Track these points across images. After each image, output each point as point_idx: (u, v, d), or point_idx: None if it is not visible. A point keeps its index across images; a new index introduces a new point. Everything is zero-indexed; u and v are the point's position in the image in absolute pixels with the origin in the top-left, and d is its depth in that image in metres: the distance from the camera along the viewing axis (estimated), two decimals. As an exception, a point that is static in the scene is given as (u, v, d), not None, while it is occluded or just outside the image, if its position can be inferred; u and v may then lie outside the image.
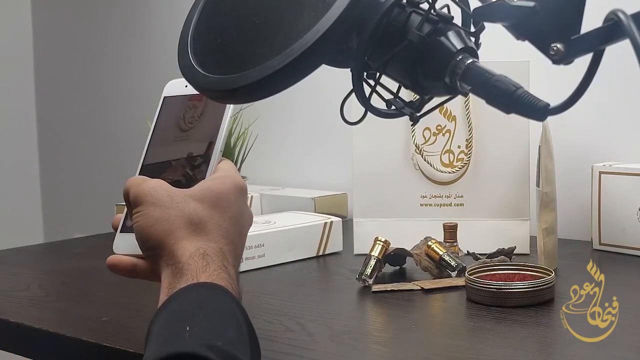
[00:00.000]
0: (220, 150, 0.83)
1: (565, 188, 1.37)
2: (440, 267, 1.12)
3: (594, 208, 1.31)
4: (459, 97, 0.76)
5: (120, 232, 0.85)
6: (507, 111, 0.66)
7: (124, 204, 0.83)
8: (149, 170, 0.87)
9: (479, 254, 1.18)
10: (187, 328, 0.66)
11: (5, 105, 2.54)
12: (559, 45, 0.64)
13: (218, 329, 0.67)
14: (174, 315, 0.69)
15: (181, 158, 0.85)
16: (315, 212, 1.56)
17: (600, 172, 1.30)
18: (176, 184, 0.82)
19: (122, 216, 0.86)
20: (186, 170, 0.84)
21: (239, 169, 1.41)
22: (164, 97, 0.90)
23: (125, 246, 0.82)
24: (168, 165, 0.85)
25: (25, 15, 2.57)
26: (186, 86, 0.88)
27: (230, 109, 0.85)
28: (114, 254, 0.85)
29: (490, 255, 1.17)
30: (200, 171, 0.83)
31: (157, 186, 0.79)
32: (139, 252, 0.80)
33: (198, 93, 0.83)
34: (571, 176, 1.43)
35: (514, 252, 1.19)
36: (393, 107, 0.73)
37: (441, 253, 1.12)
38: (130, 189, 0.80)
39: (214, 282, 0.72)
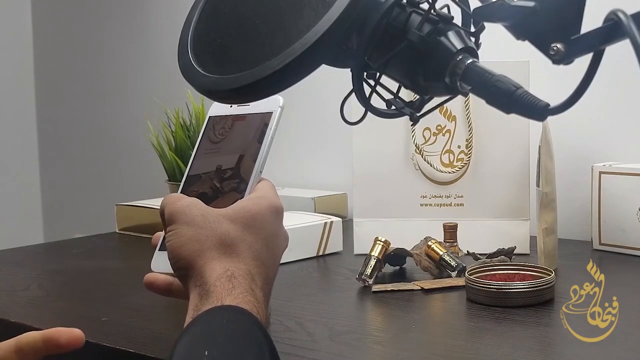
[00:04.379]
0: (260, 171, 0.82)
1: (565, 188, 1.37)
2: (440, 267, 1.12)
3: (594, 208, 1.31)
4: (459, 97, 0.76)
5: (159, 250, 0.83)
6: (507, 111, 0.65)
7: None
8: (187, 183, 0.86)
9: (479, 254, 1.18)
10: (206, 353, 0.65)
11: (5, 105, 2.54)
12: (559, 45, 0.64)
13: (237, 355, 0.66)
14: (195, 339, 0.68)
15: (210, 171, 0.84)
16: (315, 212, 1.56)
17: (600, 172, 1.30)
18: (202, 196, 0.81)
19: (161, 234, 0.84)
20: (213, 183, 0.83)
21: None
22: (209, 116, 0.89)
23: (163, 264, 0.80)
24: (198, 178, 0.85)
25: (25, 15, 2.57)
26: (231, 106, 0.87)
27: (272, 130, 0.83)
28: (152, 271, 0.83)
29: (490, 255, 1.17)
30: (229, 184, 0.82)
31: (191, 205, 0.77)
32: None
33: (242, 114, 0.82)
34: (571, 176, 1.43)
35: (514, 252, 1.19)
36: (393, 107, 0.73)
37: (441, 253, 1.12)
38: (166, 206, 0.79)
39: (238, 306, 0.70)
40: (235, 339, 0.67)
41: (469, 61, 0.67)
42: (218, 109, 0.89)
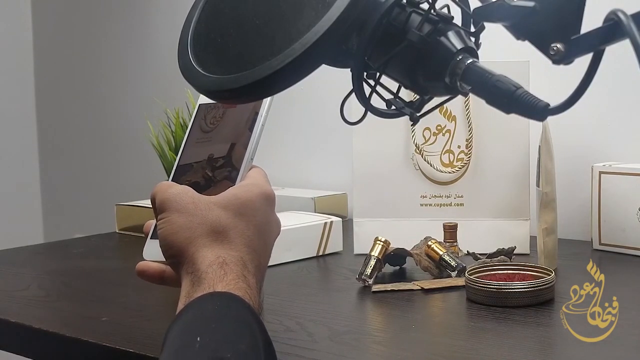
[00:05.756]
0: (251, 158, 0.82)
1: (565, 188, 1.37)
2: (440, 267, 1.12)
3: (594, 208, 1.31)
4: (459, 97, 0.76)
5: (150, 238, 0.83)
6: (507, 111, 0.66)
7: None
8: (178, 172, 0.86)
9: (479, 254, 1.18)
10: (198, 339, 0.65)
11: (5, 105, 2.54)
12: (559, 45, 0.64)
13: (229, 340, 0.66)
14: (187, 325, 0.68)
15: (202, 160, 0.84)
16: (315, 212, 1.56)
17: (600, 172, 1.30)
18: (195, 185, 0.81)
19: (153, 222, 0.84)
20: (205, 172, 0.83)
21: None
22: (199, 104, 0.89)
23: (155, 253, 0.80)
24: (190, 167, 0.85)
25: (25, 15, 2.57)
26: None
27: (263, 117, 0.83)
28: (144, 259, 0.82)
29: (490, 255, 1.17)
30: (221, 172, 0.82)
31: (182, 192, 0.77)
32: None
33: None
34: (571, 176, 1.43)
35: (514, 252, 1.19)
36: (393, 107, 0.73)
37: (441, 253, 1.12)
38: (157, 194, 0.79)
39: (230, 292, 0.70)
40: (227, 325, 0.67)
41: (469, 61, 0.67)
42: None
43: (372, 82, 0.71)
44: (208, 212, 0.76)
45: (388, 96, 0.73)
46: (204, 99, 0.89)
